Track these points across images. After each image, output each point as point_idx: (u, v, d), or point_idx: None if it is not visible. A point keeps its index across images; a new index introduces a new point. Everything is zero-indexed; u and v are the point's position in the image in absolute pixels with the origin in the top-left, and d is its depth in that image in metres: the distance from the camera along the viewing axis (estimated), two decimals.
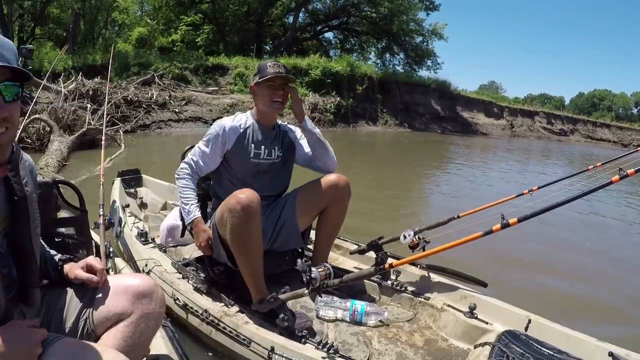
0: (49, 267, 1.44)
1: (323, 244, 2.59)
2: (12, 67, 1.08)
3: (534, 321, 2.11)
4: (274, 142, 2.53)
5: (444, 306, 2.33)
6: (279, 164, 2.56)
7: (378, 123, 22.89)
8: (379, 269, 1.73)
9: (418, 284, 2.53)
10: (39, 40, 24.26)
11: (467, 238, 1.66)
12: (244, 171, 2.43)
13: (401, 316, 2.37)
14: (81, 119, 9.88)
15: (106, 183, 3.30)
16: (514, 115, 31.89)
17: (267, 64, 2.45)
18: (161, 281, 2.50)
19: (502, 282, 3.53)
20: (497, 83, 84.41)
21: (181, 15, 24.99)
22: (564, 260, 4.72)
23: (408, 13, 26.19)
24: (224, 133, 2.40)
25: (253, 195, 2.06)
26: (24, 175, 1.25)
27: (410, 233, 2.44)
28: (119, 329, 1.31)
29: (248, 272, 2.15)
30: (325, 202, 2.47)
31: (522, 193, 2.57)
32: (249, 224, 2.04)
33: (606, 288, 4.09)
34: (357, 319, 2.25)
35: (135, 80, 14.78)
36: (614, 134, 34.77)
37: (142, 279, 1.41)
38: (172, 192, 4.06)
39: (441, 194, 8.11)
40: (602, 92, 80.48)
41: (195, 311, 2.26)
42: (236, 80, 18.36)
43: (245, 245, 2.10)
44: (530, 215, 1.60)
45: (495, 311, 2.23)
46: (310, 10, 28.03)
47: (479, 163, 13.54)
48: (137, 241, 2.99)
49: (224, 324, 2.12)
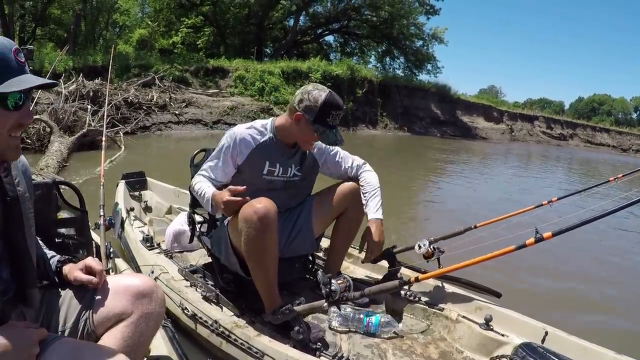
0: (48, 269, 1.43)
1: (337, 252, 2.53)
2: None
3: (551, 333, 2.06)
4: (291, 159, 2.35)
5: (459, 317, 2.27)
6: (297, 181, 2.40)
7: (378, 127, 22.88)
8: (403, 283, 1.67)
9: (431, 294, 2.46)
10: (40, 40, 24.21)
11: (499, 252, 1.60)
12: (256, 187, 2.22)
13: (415, 327, 2.31)
14: (81, 120, 9.86)
15: (106, 184, 3.27)
16: (514, 119, 31.90)
17: (332, 111, 2.15)
18: (168, 289, 2.44)
19: (514, 292, 3.46)
20: (497, 87, 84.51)
21: (182, 17, 25.02)
22: (580, 269, 4.65)
23: (408, 17, 26.22)
24: (234, 145, 2.24)
25: (270, 204, 1.97)
26: (16, 175, 1.25)
27: (425, 243, 2.38)
28: (119, 329, 1.31)
29: (262, 282, 2.08)
30: (342, 208, 2.39)
31: (542, 204, 2.50)
32: (265, 235, 1.95)
33: (622, 299, 4.02)
34: (371, 331, 2.18)
35: (135, 82, 14.74)
36: (613, 138, 34.79)
37: (142, 279, 1.41)
38: (177, 196, 4.00)
39: (448, 201, 8.05)
40: (602, 97, 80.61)
41: (205, 322, 2.20)
42: (236, 82, 18.34)
43: (260, 255, 2.02)
44: (566, 229, 1.54)
45: (511, 323, 2.17)
46: (310, 13, 28.02)
47: (483, 168, 13.52)
48: (143, 246, 2.92)
49: (235, 335, 2.06)
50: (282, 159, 2.32)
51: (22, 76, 1.08)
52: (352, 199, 2.37)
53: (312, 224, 2.43)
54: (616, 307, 3.78)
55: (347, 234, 2.48)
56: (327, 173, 2.52)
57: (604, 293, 4.09)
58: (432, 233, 2.68)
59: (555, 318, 2.24)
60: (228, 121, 16.40)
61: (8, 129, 1.09)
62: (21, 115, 1.10)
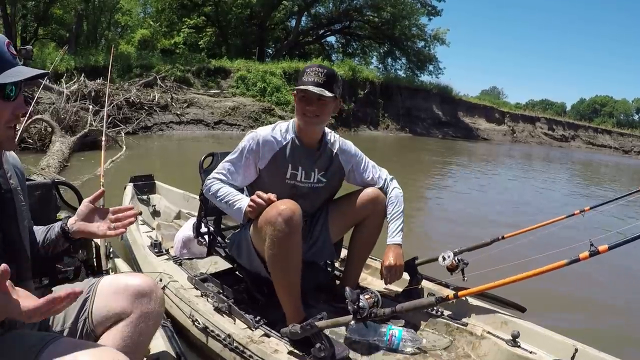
0: (40, 249, 1.45)
1: (356, 262, 2.42)
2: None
3: (581, 350, 1.94)
4: (315, 163, 2.24)
5: (484, 333, 2.15)
6: (321, 188, 2.29)
7: (379, 127, 22.86)
8: (439, 300, 1.56)
9: (453, 307, 2.34)
10: (42, 40, 24.16)
11: (550, 267, 1.49)
12: (278, 192, 1.99)
13: (438, 343, 2.19)
14: (83, 120, 9.84)
15: (107, 184, 3.18)
16: (515, 120, 31.86)
17: (307, 70, 2.10)
18: (178, 299, 2.35)
19: (539, 306, 3.31)
20: (499, 88, 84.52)
21: (184, 17, 25.04)
22: (609, 283, 4.45)
23: (410, 18, 26.23)
24: (257, 148, 2.13)
25: (295, 206, 1.87)
26: (8, 169, 1.29)
27: (449, 254, 2.28)
28: (118, 329, 1.31)
29: (285, 290, 1.98)
30: (361, 216, 2.28)
31: (574, 214, 2.38)
32: (291, 237, 1.86)
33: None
34: (393, 346, 2.07)
35: (137, 82, 14.69)
36: (615, 140, 34.77)
37: (142, 278, 1.40)
38: (187, 200, 3.90)
39: (452, 205, 7.96)
40: (604, 98, 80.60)
41: (217, 335, 2.08)
42: (238, 83, 18.35)
43: (285, 260, 1.92)
44: (623, 241, 1.44)
45: (539, 339, 2.06)
46: (312, 14, 27.98)
47: (490, 169, 13.43)
48: (150, 252, 2.82)
49: (250, 351, 1.94)
50: (305, 162, 2.21)
51: (16, 68, 1.12)
52: (374, 207, 2.27)
53: (329, 231, 2.33)
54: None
55: (367, 243, 2.37)
56: (352, 181, 2.41)
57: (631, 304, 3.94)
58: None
59: (584, 335, 2.12)
60: (229, 121, 16.36)
61: (6, 120, 1.13)
62: (16, 107, 1.14)
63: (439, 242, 4.72)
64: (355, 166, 2.36)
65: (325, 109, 2.12)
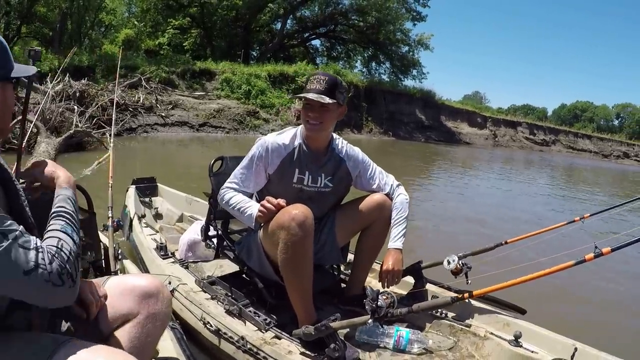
0: None
1: (362, 267, 2.48)
2: None
3: (580, 350, 2.04)
4: (321, 168, 2.30)
5: (487, 334, 2.24)
6: (328, 192, 2.34)
7: (363, 131, 22.93)
8: (455, 299, 1.64)
9: (457, 309, 2.43)
10: (25, 39, 23.67)
11: (557, 267, 1.59)
12: (285, 197, 2.07)
13: (442, 344, 2.27)
14: (68, 121, 9.70)
15: (99, 185, 3.20)
16: (497, 125, 32.33)
17: (310, 78, 2.21)
18: (188, 302, 2.38)
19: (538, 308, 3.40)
20: (481, 93, 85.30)
21: (169, 18, 24.82)
22: (603, 281, 4.59)
23: (395, 23, 26.51)
24: (266, 154, 2.20)
25: (307, 210, 1.93)
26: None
27: (454, 258, 2.36)
28: (125, 330, 1.32)
29: (298, 293, 2.03)
30: (368, 221, 2.34)
31: (573, 220, 2.47)
32: (304, 241, 1.91)
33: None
34: (401, 346, 2.15)
35: (122, 83, 14.52)
36: (595, 144, 35.52)
37: (148, 279, 1.42)
38: (189, 203, 3.91)
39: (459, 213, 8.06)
40: (584, 104, 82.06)
41: (230, 337, 2.12)
42: (223, 85, 18.29)
43: (298, 264, 1.97)
44: (625, 244, 1.53)
45: (540, 339, 2.15)
46: (298, 17, 28.09)
47: (478, 172, 13.60)
48: (157, 255, 2.84)
49: (264, 352, 1.98)
50: (312, 166, 2.28)
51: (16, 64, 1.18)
52: (381, 213, 2.34)
53: (336, 235, 2.38)
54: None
55: (373, 248, 2.43)
56: (359, 187, 2.47)
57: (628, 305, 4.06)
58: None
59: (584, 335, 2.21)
60: (214, 124, 16.33)
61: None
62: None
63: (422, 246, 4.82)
64: (363, 172, 2.42)
65: (328, 116, 2.20)
